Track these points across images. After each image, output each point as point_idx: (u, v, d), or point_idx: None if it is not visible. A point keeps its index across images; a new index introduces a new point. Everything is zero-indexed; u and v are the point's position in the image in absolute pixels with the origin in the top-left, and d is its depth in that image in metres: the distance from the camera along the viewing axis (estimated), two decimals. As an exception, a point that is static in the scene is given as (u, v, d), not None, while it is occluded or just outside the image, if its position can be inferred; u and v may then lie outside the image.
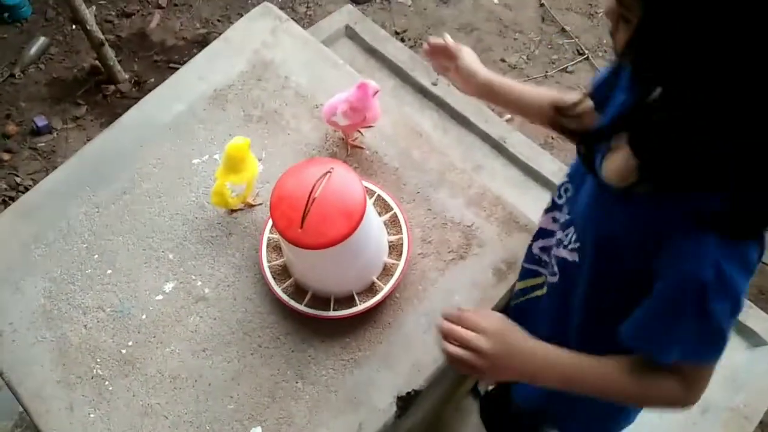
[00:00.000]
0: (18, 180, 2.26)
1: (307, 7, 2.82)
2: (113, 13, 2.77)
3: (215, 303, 1.07)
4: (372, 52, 2.17)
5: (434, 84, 2.20)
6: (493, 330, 0.80)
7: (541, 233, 1.01)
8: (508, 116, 2.49)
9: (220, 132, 1.22)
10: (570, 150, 2.36)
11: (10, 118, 2.43)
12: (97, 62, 2.45)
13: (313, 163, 0.94)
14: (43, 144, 2.35)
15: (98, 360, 1.04)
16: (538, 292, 1.01)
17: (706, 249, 0.67)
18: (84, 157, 1.25)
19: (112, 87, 2.47)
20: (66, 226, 1.15)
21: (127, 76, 2.50)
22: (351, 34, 2.19)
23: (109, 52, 2.38)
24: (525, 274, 1.05)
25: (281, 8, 2.72)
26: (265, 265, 1.04)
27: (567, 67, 2.68)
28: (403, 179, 1.16)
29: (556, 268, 0.92)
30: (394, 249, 1.07)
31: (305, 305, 1.01)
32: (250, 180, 1.09)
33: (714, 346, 0.74)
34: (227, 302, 1.07)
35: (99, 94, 2.48)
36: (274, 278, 1.04)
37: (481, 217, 1.13)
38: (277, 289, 1.03)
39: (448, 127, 2.19)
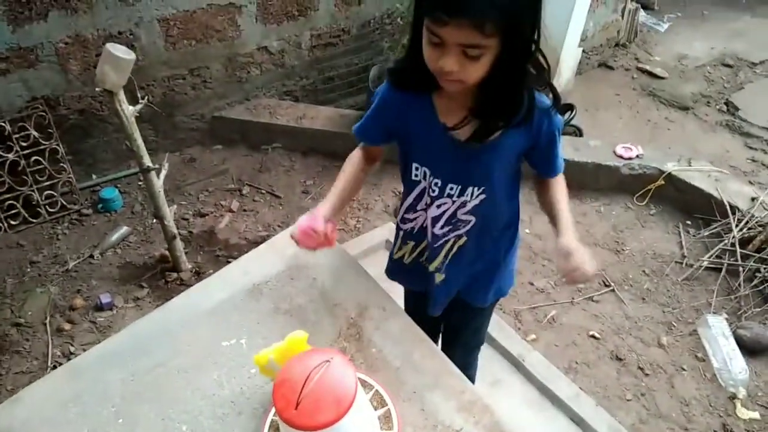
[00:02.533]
0: (71, 349, 2.47)
1: (357, 221, 3.17)
2: (190, 212, 3.20)
3: (215, 476, 1.15)
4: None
5: (460, 299, 2.39)
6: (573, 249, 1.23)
7: (436, 220, 1.39)
8: (533, 336, 2.60)
9: (251, 320, 1.41)
10: (593, 377, 2.41)
11: (80, 293, 2.73)
12: (166, 252, 2.80)
13: (317, 352, 1.08)
14: (102, 319, 2.60)
15: None
16: (460, 242, 1.44)
17: (555, 117, 1.24)
18: (133, 331, 1.45)
19: (175, 275, 2.77)
20: (102, 390, 1.31)
21: (189, 266, 2.82)
22: (389, 246, 2.45)
23: (179, 245, 2.73)
24: (440, 246, 1.44)
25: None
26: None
27: (593, 296, 2.82)
28: (402, 378, 1.28)
29: (472, 219, 1.38)
30: (385, 444, 1.15)
31: (294, 488, 1.08)
32: None
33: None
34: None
35: (162, 279, 2.78)
36: (272, 458, 1.13)
37: (469, 423, 1.21)
38: (272, 469, 1.11)
39: (470, 341, 2.31)
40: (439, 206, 1.37)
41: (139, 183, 3.35)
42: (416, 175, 1.36)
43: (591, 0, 4.20)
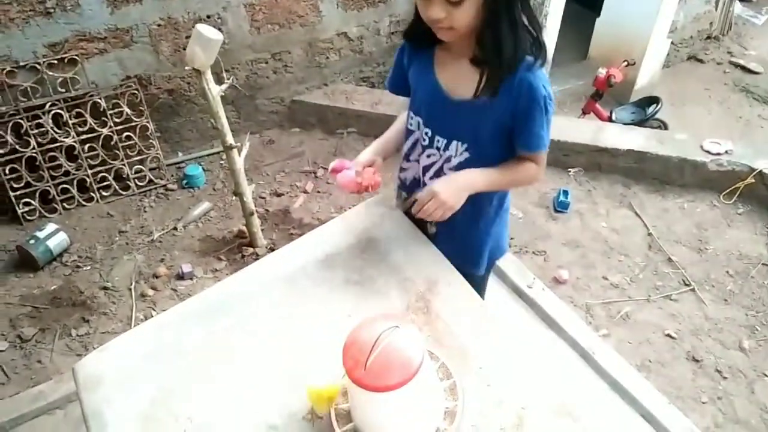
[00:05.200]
0: (153, 314, 2.62)
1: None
2: (267, 192, 3.31)
3: (283, 432, 1.20)
4: (474, 250, 2.38)
5: (530, 287, 2.35)
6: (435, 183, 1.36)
7: (426, 169, 1.49)
8: (604, 331, 2.53)
9: (322, 289, 1.45)
10: (667, 376, 2.32)
11: (163, 262, 2.88)
12: (244, 228, 2.91)
13: (386, 317, 1.10)
14: (183, 287, 2.74)
15: (174, 464, 1.19)
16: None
17: (537, 79, 1.28)
18: (212, 294, 1.52)
19: (251, 250, 2.88)
20: (183, 346, 1.38)
21: (265, 242, 2.92)
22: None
23: (256, 222, 2.83)
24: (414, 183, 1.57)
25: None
26: (332, 406, 1.18)
27: (671, 295, 2.71)
28: (469, 352, 1.28)
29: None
30: (449, 415, 1.16)
31: (358, 450, 1.12)
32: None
33: (549, 136, 1.36)
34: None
35: (239, 254, 2.89)
36: (338, 421, 1.17)
37: (535, 402, 1.19)
38: (337, 429, 1.14)
39: (539, 329, 2.28)
40: (429, 156, 1.48)
41: (221, 162, 3.50)
42: (411, 124, 1.49)
43: (683, -12, 4.02)
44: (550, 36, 3.86)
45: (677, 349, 2.45)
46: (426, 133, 1.45)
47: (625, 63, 3.75)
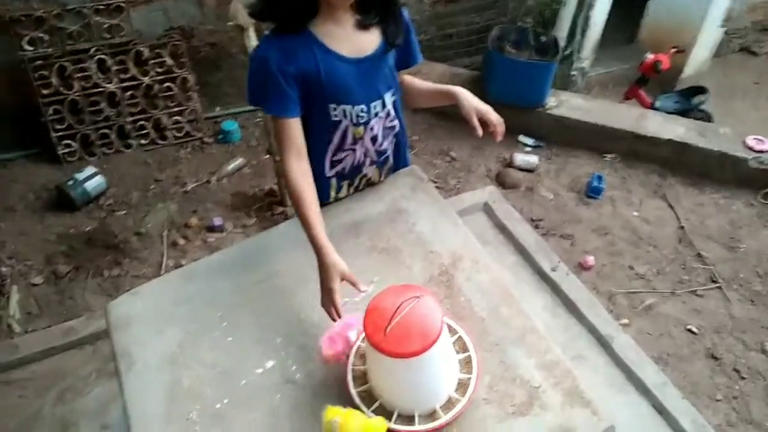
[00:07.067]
0: (183, 262, 2.69)
1: (458, 182, 3.18)
2: (300, 153, 3.32)
3: (301, 388, 1.24)
4: (502, 228, 2.38)
5: (553, 270, 2.34)
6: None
7: (374, 140, 1.51)
8: (625, 321, 2.53)
9: (349, 253, 1.47)
10: (684, 371, 2.31)
11: (196, 213, 2.95)
12: (275, 187, 2.95)
13: (408, 288, 1.13)
14: (212, 239, 2.81)
15: (197, 407, 1.24)
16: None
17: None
18: (242, 248, 1.57)
19: (281, 209, 2.93)
20: (210, 295, 1.43)
21: (294, 202, 2.95)
22: (488, 210, 2.44)
23: (287, 181, 2.86)
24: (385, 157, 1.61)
25: (437, 178, 3.10)
26: (349, 367, 1.22)
27: (697, 290, 2.68)
28: (487, 329, 1.30)
29: (396, 121, 1.55)
30: (461, 387, 1.19)
31: (371, 411, 1.15)
32: None
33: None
34: (310, 390, 1.24)
35: (269, 211, 2.94)
36: (354, 381, 1.20)
37: (549, 382, 1.22)
38: (353, 390, 1.18)
39: (558, 313, 2.28)
40: (372, 128, 1.48)
41: (257, 120, 3.53)
42: (335, 116, 1.41)
43: (743, -24, 3.85)
44: (599, 16, 3.75)
45: (697, 345, 2.43)
46: (361, 110, 1.42)
47: (674, 50, 3.64)
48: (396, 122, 1.56)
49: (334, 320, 1.26)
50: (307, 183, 1.37)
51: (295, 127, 1.36)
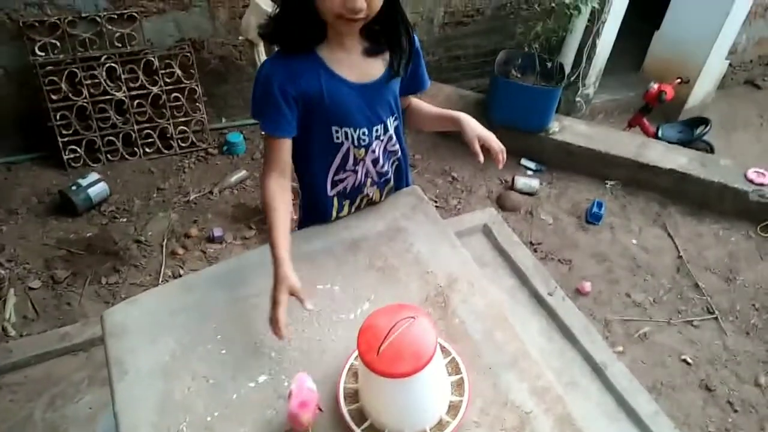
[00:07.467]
0: (181, 272, 2.70)
1: (459, 202, 3.19)
2: (303, 168, 3.34)
3: (292, 404, 1.24)
4: (500, 251, 2.40)
5: (550, 294, 2.35)
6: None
7: (375, 162, 1.53)
8: (620, 348, 2.52)
9: (345, 270, 1.49)
10: (677, 401, 2.30)
11: (196, 223, 2.96)
12: (276, 200, 2.95)
13: (404, 308, 1.13)
14: (212, 250, 2.82)
15: (187, 419, 1.24)
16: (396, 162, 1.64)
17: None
18: (240, 261, 1.57)
19: (281, 222, 2.93)
20: (206, 307, 1.44)
21: (295, 218, 2.96)
22: (487, 232, 2.46)
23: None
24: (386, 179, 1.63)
25: (438, 197, 3.12)
26: (341, 385, 1.22)
27: (693, 321, 2.68)
28: (480, 352, 1.30)
29: (396, 145, 1.56)
30: (453, 409, 1.19)
31: (362, 430, 1.15)
32: None
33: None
34: (301, 406, 1.24)
35: (269, 224, 2.94)
36: (345, 399, 1.21)
37: (540, 408, 1.22)
38: (344, 409, 1.18)
39: (554, 338, 2.28)
40: (374, 150, 1.50)
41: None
42: (338, 138, 1.43)
43: (749, 11, 3.90)
44: (605, 44, 3.80)
45: (691, 376, 2.43)
46: (363, 133, 1.44)
47: (679, 80, 3.67)
48: (397, 146, 1.58)
49: (275, 334, 1.24)
50: (282, 198, 1.39)
51: (284, 147, 1.39)
